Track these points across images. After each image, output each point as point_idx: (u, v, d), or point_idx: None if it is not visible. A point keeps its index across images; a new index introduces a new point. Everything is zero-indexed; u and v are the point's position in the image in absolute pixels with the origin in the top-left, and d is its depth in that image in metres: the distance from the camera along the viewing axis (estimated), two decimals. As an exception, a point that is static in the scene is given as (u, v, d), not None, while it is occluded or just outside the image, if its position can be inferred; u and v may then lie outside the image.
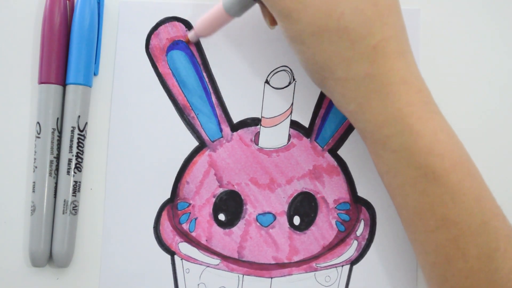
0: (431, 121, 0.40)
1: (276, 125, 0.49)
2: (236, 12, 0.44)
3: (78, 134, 0.48)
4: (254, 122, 0.49)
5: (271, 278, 0.48)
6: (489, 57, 0.49)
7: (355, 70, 0.39)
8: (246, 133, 0.49)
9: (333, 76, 0.40)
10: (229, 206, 0.48)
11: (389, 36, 0.39)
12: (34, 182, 0.47)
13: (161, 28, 0.50)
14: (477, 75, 0.49)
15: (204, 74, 0.49)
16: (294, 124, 0.49)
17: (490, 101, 0.49)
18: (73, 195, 0.47)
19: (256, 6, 0.45)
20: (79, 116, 0.48)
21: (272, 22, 0.44)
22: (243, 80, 0.49)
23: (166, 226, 0.48)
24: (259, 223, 0.48)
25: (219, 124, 0.49)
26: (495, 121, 0.49)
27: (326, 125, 0.48)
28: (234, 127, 0.49)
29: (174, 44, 0.49)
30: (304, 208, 0.48)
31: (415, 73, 0.41)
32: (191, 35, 0.47)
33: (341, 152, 0.49)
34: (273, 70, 0.49)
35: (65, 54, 0.49)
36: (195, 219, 0.48)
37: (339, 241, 0.48)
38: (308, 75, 0.43)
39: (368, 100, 0.40)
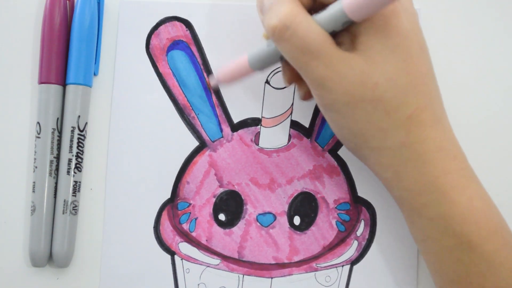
0: (468, 189, 0.39)
1: (276, 125, 0.49)
2: (260, 67, 0.42)
3: (78, 134, 0.48)
4: (255, 122, 0.49)
5: (271, 278, 0.48)
6: (490, 57, 0.49)
7: (390, 140, 0.39)
8: (246, 133, 0.49)
9: (368, 145, 0.40)
10: (229, 206, 0.48)
11: (424, 105, 0.38)
12: (34, 182, 0.47)
13: (162, 28, 0.50)
14: (478, 74, 0.49)
15: (205, 74, 0.49)
16: (295, 124, 0.49)
17: (491, 100, 0.49)
18: (73, 195, 0.47)
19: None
20: (79, 116, 0.48)
21: (290, 80, 0.43)
22: (243, 80, 0.49)
23: (166, 226, 0.48)
24: (259, 223, 0.48)
25: (219, 124, 0.49)
26: (496, 121, 0.49)
27: (327, 125, 0.48)
28: (235, 127, 0.49)
29: (175, 44, 0.49)
30: (304, 208, 0.48)
31: (450, 139, 0.40)
32: (213, 81, 0.45)
33: (341, 152, 0.49)
34: (274, 70, 0.49)
35: (65, 54, 0.49)
36: (195, 219, 0.48)
37: (339, 241, 0.48)
38: (341, 142, 0.42)
39: (404, 168, 0.39)
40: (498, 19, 0.50)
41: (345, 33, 0.39)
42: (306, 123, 0.49)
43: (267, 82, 0.49)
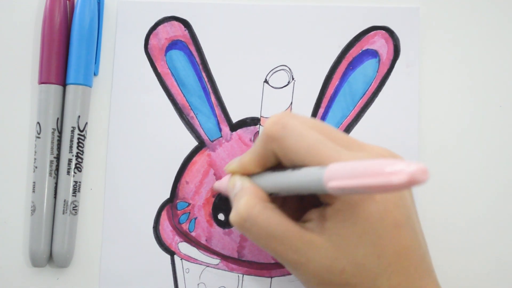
0: None
1: (275, 125, 0.49)
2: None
3: (78, 134, 0.48)
4: (254, 121, 0.49)
5: (271, 277, 0.48)
6: (489, 55, 0.49)
7: None
8: (245, 133, 0.49)
9: None
10: (229, 206, 0.48)
11: (397, 283, 0.36)
12: (34, 182, 0.47)
13: (160, 27, 0.50)
14: (477, 73, 0.49)
15: (203, 74, 0.49)
16: (294, 124, 0.49)
17: (491, 99, 0.49)
18: (73, 195, 0.47)
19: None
20: (79, 116, 0.48)
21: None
22: (242, 79, 0.49)
23: (165, 226, 0.48)
24: (259, 222, 0.48)
25: (218, 124, 0.49)
26: (495, 119, 0.48)
27: (326, 125, 0.48)
28: (233, 127, 0.49)
29: (173, 44, 0.49)
30: (303, 207, 0.48)
31: None
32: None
33: (340, 151, 0.48)
34: (272, 70, 0.49)
35: (65, 54, 0.49)
36: (195, 219, 0.48)
37: (339, 241, 0.48)
38: None
39: None
40: (497, 16, 0.49)
41: (314, 211, 0.38)
42: (305, 122, 0.49)
43: (266, 81, 0.49)
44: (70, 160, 0.48)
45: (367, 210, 0.35)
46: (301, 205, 0.41)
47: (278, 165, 0.39)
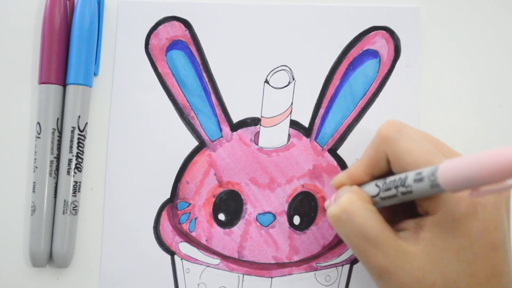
0: None
1: (275, 125, 0.49)
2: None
3: (78, 134, 0.48)
4: (254, 122, 0.49)
5: (271, 277, 0.48)
6: (489, 55, 0.49)
7: None
8: (245, 133, 0.49)
9: None
10: (229, 206, 0.48)
11: None
12: (34, 182, 0.47)
13: (161, 27, 0.50)
14: (477, 73, 0.49)
15: (204, 74, 0.49)
16: (294, 124, 0.49)
17: (491, 99, 0.49)
18: (73, 195, 0.47)
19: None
20: (79, 116, 0.48)
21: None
22: (242, 79, 0.49)
23: (166, 226, 0.48)
24: (259, 222, 0.48)
25: (218, 124, 0.49)
26: (495, 118, 0.49)
27: (326, 125, 0.48)
28: (234, 127, 0.49)
29: (174, 44, 0.49)
30: (304, 207, 0.48)
31: None
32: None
33: (340, 151, 0.48)
34: (273, 70, 0.49)
35: (65, 54, 0.49)
36: (195, 219, 0.48)
37: (339, 241, 0.48)
38: None
39: None
40: (496, 16, 0.50)
41: (410, 220, 0.38)
42: (305, 122, 0.49)
43: (266, 81, 0.49)
44: (70, 160, 0.48)
45: (469, 226, 0.35)
46: (394, 217, 0.41)
47: (384, 175, 0.40)
